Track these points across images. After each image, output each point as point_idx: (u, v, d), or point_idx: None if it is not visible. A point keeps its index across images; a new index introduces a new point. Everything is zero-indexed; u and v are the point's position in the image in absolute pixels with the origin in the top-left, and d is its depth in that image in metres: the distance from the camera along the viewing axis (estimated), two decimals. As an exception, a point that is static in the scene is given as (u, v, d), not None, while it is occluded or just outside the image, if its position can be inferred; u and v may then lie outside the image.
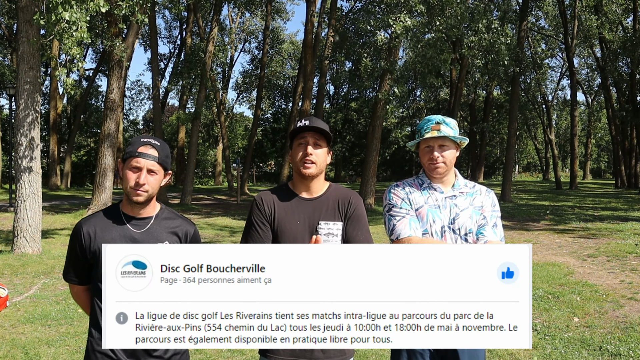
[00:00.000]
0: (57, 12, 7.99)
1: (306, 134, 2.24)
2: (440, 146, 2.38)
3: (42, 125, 34.22)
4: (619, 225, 13.19)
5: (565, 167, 56.81)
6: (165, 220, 2.17)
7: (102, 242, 2.03)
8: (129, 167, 2.06)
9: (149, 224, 2.13)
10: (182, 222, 2.22)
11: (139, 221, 2.11)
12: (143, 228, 2.11)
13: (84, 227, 2.08)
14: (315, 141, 2.24)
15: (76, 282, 2.15)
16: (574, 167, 32.39)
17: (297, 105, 27.26)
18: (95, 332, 2.07)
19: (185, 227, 2.20)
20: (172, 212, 2.24)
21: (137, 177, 2.04)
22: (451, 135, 2.37)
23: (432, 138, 2.38)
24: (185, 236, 2.19)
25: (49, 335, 5.06)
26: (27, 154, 9.21)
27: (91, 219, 2.12)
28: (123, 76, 15.09)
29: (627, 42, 26.84)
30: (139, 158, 2.04)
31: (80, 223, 2.11)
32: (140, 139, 2.09)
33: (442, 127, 2.38)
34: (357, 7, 23.46)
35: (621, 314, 5.65)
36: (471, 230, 2.34)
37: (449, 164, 2.40)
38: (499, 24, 19.12)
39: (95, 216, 2.13)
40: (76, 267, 2.12)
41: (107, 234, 2.06)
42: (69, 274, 2.16)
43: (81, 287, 2.17)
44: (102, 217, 2.12)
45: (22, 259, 8.78)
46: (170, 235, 2.15)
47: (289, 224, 2.24)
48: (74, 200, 22.19)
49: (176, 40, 40.31)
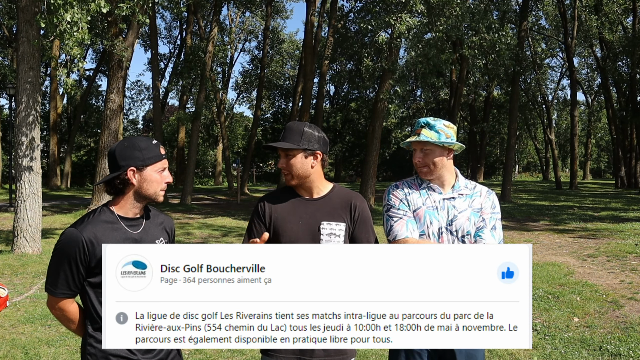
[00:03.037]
0: (59, 13, 7.99)
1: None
2: (422, 150, 2.38)
3: (42, 126, 34.22)
4: (619, 225, 13.19)
5: (565, 167, 56.79)
6: (154, 217, 2.20)
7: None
8: (156, 170, 2.08)
9: (143, 222, 2.13)
10: (164, 217, 2.26)
11: (132, 221, 2.10)
12: (139, 228, 2.11)
13: (84, 234, 1.97)
14: (285, 153, 2.29)
15: (69, 296, 2.02)
16: (574, 167, 32.37)
17: (297, 105, 27.26)
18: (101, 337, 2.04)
19: (169, 222, 2.27)
20: (153, 208, 2.26)
21: (166, 177, 2.10)
22: (432, 140, 2.33)
23: (414, 142, 2.39)
24: (171, 230, 2.26)
25: (49, 335, 5.06)
26: (27, 153, 9.21)
27: (87, 226, 2.00)
28: (123, 76, 15.09)
29: (628, 42, 26.87)
30: (166, 160, 2.11)
31: (76, 231, 1.97)
32: (150, 141, 2.09)
33: (424, 132, 2.37)
34: (357, 6, 23.45)
35: (621, 314, 5.65)
36: (469, 232, 2.33)
37: (434, 167, 2.37)
38: (499, 24, 19.12)
39: (89, 222, 2.03)
40: (72, 279, 1.99)
41: (109, 238, 2.01)
42: (59, 289, 2.00)
43: (71, 299, 2.05)
44: (97, 222, 2.03)
45: (22, 259, 8.78)
46: (162, 232, 2.19)
47: (290, 223, 2.25)
48: (74, 200, 22.19)
49: (176, 40, 40.32)
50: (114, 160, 2.05)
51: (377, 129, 18.56)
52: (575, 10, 30.66)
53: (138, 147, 2.04)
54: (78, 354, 4.56)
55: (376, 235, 2.38)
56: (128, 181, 2.04)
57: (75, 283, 2.01)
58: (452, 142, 2.36)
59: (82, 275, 2.00)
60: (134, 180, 2.04)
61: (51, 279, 2.03)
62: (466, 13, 16.79)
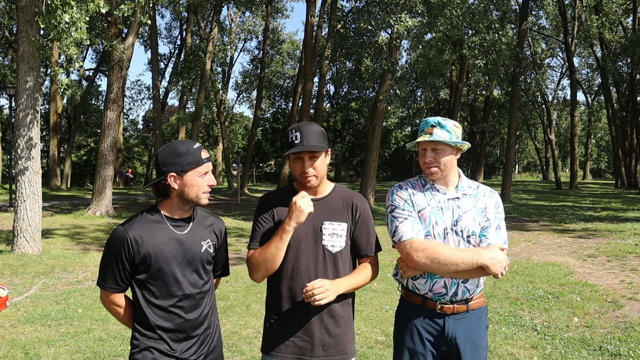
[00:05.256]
0: (57, 14, 7.99)
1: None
2: (434, 150, 2.34)
3: (42, 126, 34.25)
4: (619, 225, 13.19)
5: (565, 167, 56.79)
6: (202, 220, 2.24)
7: (150, 246, 2.07)
8: (199, 174, 2.10)
9: (190, 224, 2.18)
10: (215, 219, 2.30)
11: (179, 222, 2.16)
12: (186, 229, 2.16)
13: (129, 233, 2.07)
14: (310, 155, 2.21)
15: (118, 290, 2.14)
16: (574, 167, 32.37)
17: (297, 105, 27.26)
18: (144, 330, 2.10)
19: (219, 224, 2.29)
20: (204, 210, 2.30)
21: (209, 180, 2.13)
22: (445, 140, 2.31)
23: (425, 142, 2.35)
24: (220, 233, 2.29)
25: (49, 335, 5.06)
26: (27, 154, 9.21)
27: (134, 224, 2.11)
28: (123, 76, 15.09)
29: (628, 43, 26.86)
30: (208, 163, 2.13)
31: (123, 230, 2.09)
32: (192, 145, 2.12)
33: (436, 131, 2.33)
34: (357, 7, 23.45)
35: (621, 314, 5.65)
36: (474, 232, 2.32)
37: (444, 168, 2.35)
38: (499, 24, 19.11)
39: (137, 221, 2.13)
40: (119, 274, 2.10)
41: (154, 237, 2.09)
42: (108, 283, 2.12)
43: (120, 294, 2.16)
44: (144, 221, 2.13)
45: (22, 259, 8.78)
46: (209, 234, 2.23)
47: None
48: (74, 200, 22.19)
49: (176, 40, 40.34)
50: (157, 165, 2.13)
51: (377, 129, 18.55)
52: (575, 10, 30.67)
53: (178, 152, 2.09)
54: (78, 354, 4.56)
55: (376, 234, 2.38)
56: (169, 186, 2.10)
57: (122, 278, 2.11)
58: (463, 142, 2.34)
59: (127, 271, 2.10)
60: (175, 185, 2.10)
61: (101, 274, 2.15)
62: (466, 13, 16.78)
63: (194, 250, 2.15)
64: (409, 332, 2.34)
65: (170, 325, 2.10)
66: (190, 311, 2.14)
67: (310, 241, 2.21)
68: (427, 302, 2.32)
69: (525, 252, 9.74)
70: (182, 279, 2.12)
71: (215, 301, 2.31)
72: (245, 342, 4.88)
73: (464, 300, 2.32)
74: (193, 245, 2.15)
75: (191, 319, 2.14)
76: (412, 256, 2.23)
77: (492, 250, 2.24)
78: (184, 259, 2.12)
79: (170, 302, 2.10)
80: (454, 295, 2.29)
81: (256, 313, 5.81)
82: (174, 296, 2.10)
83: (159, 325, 2.09)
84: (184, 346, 2.13)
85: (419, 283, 2.33)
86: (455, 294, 2.29)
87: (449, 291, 2.29)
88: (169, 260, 2.09)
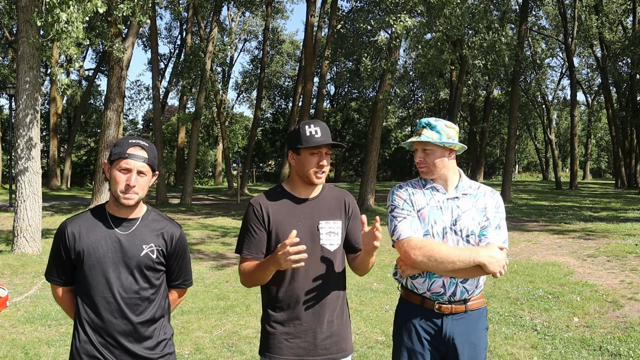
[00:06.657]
0: (55, 12, 7.98)
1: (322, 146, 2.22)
2: (423, 150, 2.38)
3: (42, 126, 34.23)
4: (619, 225, 13.18)
5: (565, 167, 56.76)
6: (151, 222, 2.14)
7: (86, 243, 2.03)
8: (118, 168, 2.00)
9: (135, 225, 2.10)
10: (168, 223, 2.17)
11: (125, 222, 2.08)
12: (129, 229, 2.08)
13: (68, 227, 2.05)
14: (327, 151, 2.24)
15: (59, 283, 2.12)
16: (574, 167, 32.36)
17: (297, 105, 27.25)
18: (81, 334, 2.05)
19: (171, 229, 2.16)
20: (159, 213, 2.21)
21: (127, 179, 1.99)
22: (432, 141, 2.33)
23: (415, 142, 2.40)
24: (171, 239, 2.14)
25: (49, 335, 5.06)
26: (27, 154, 9.21)
27: (76, 219, 2.09)
28: (123, 76, 15.09)
29: (628, 42, 26.85)
30: (129, 159, 1.99)
31: (65, 223, 2.08)
32: (128, 140, 2.04)
33: (425, 132, 2.37)
34: (357, 7, 23.45)
35: (621, 314, 5.65)
36: (473, 232, 2.32)
37: (434, 168, 2.37)
38: (499, 24, 19.10)
39: (80, 216, 2.10)
40: (60, 268, 2.10)
41: (92, 234, 2.04)
42: (51, 275, 2.12)
43: (65, 287, 2.14)
44: (87, 218, 2.09)
45: (22, 259, 8.78)
46: (156, 238, 2.11)
47: (290, 225, 2.21)
48: (74, 200, 22.19)
49: (176, 40, 40.33)
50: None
51: (377, 129, 18.54)
52: (575, 10, 30.64)
53: (119, 141, 2.06)
54: (78, 354, 4.56)
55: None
56: (105, 176, 2.07)
57: (63, 271, 2.10)
58: (452, 142, 2.35)
59: (66, 265, 2.08)
60: (108, 174, 2.05)
61: (47, 266, 2.15)
62: (466, 13, 16.77)
63: (132, 253, 2.04)
64: (408, 331, 2.35)
65: (99, 324, 2.03)
66: (118, 316, 2.03)
67: (307, 242, 2.20)
68: (425, 301, 2.33)
69: (525, 252, 9.74)
70: (115, 281, 2.02)
71: (166, 314, 2.18)
72: (245, 342, 4.88)
73: (462, 300, 2.32)
74: (131, 247, 2.05)
75: (119, 324, 2.03)
76: (409, 254, 2.24)
77: (490, 249, 2.24)
78: (120, 260, 2.03)
79: (98, 302, 2.02)
80: (452, 295, 2.29)
81: (256, 313, 5.80)
82: (101, 296, 2.02)
83: (88, 322, 2.04)
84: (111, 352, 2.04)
85: (417, 282, 2.33)
86: (453, 293, 2.29)
87: (447, 291, 2.29)
88: (102, 259, 2.02)
